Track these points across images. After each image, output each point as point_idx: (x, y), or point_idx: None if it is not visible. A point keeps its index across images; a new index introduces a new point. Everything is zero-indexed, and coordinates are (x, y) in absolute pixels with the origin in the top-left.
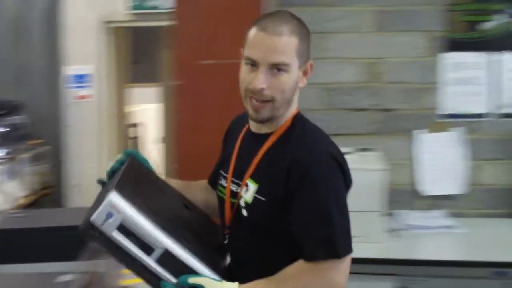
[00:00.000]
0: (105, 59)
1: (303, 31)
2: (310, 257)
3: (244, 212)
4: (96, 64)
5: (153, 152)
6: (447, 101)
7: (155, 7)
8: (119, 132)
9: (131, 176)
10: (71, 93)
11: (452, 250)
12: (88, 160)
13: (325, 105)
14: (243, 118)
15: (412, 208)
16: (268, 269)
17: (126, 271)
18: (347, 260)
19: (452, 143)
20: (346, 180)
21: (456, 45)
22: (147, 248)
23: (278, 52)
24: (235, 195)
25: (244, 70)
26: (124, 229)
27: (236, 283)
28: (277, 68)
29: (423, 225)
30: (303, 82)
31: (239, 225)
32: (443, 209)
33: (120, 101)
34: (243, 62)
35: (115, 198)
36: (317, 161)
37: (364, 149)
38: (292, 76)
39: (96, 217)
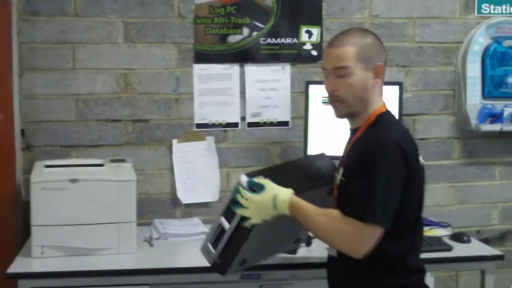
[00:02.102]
0: None
1: (364, 40)
2: (343, 210)
3: (336, 193)
4: None
5: None
6: (202, 111)
7: None
8: None
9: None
10: None
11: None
12: None
13: (78, 117)
14: None
15: (173, 216)
16: None
17: None
18: (371, 230)
19: (205, 152)
20: (409, 169)
21: (207, 57)
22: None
23: (338, 58)
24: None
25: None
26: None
27: (290, 190)
28: (340, 71)
29: (179, 233)
30: (376, 82)
31: (336, 206)
32: (199, 217)
33: None
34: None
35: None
36: (380, 146)
37: (116, 160)
38: (357, 77)
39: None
